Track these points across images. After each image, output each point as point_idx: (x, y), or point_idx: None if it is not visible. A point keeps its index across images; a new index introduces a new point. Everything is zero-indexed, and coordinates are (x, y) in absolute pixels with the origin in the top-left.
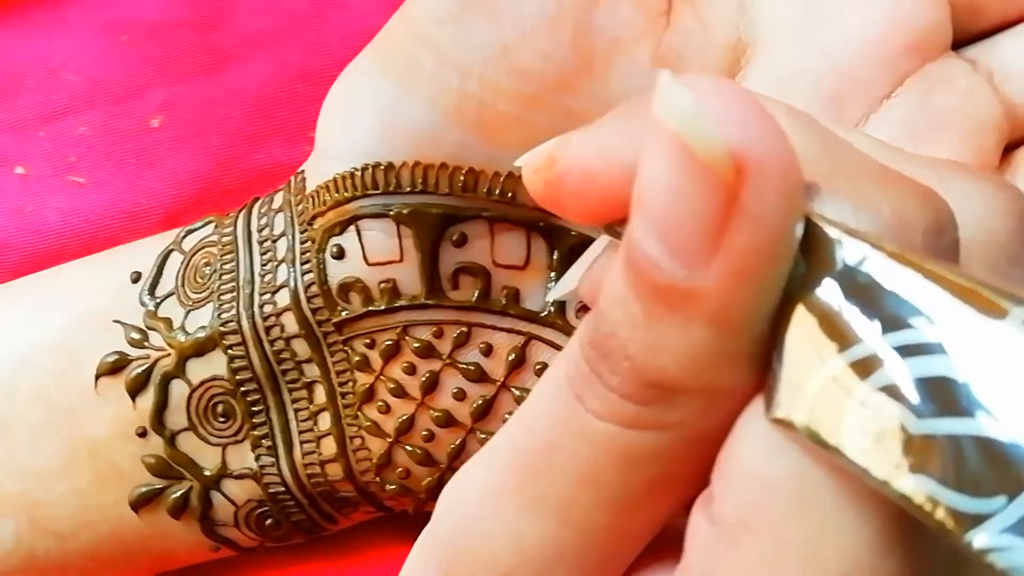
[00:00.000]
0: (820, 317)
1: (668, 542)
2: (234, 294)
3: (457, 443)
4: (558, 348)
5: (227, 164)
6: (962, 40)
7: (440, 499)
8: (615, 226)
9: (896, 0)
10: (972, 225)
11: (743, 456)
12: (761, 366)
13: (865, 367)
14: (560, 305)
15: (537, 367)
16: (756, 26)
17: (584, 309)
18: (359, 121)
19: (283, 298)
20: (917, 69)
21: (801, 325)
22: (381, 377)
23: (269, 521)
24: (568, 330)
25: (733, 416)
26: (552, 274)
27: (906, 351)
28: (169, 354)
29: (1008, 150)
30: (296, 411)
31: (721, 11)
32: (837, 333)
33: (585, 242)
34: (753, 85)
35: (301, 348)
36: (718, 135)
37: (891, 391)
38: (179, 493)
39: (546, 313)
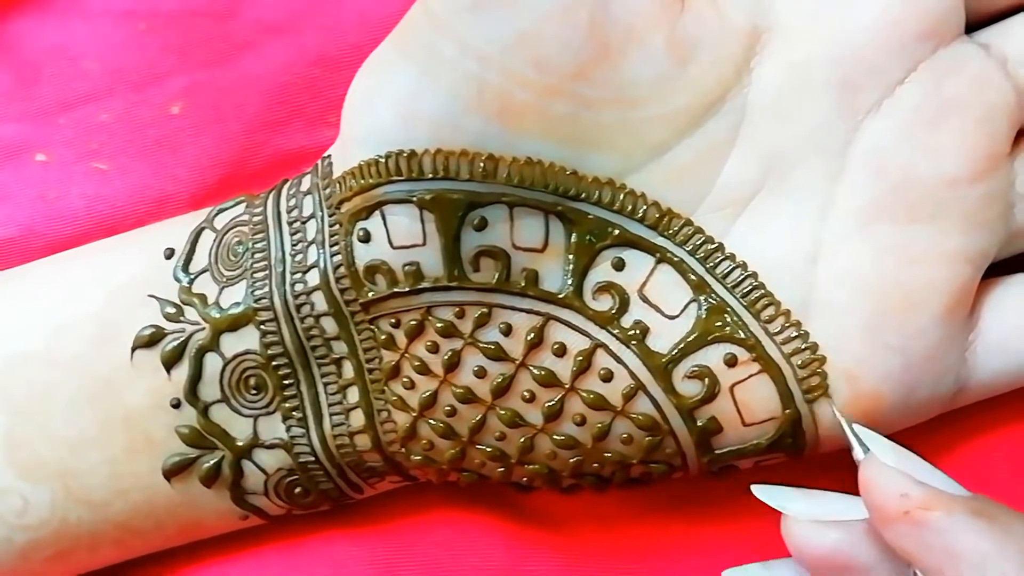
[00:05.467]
0: None
1: None
2: (266, 272)
3: (478, 418)
4: (575, 328)
5: (249, 150)
6: (975, 23)
7: None
8: None
9: None
10: None
11: None
12: None
13: None
14: (578, 286)
15: (555, 346)
16: (771, 12)
17: (601, 290)
18: (381, 109)
19: (313, 278)
20: (930, 55)
21: None
22: (406, 355)
23: (298, 490)
24: (585, 311)
25: None
26: (570, 256)
27: None
28: (204, 328)
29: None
30: (326, 385)
31: None
32: None
33: (602, 224)
34: (769, 72)
35: (330, 326)
36: None
37: None
38: (212, 462)
39: (564, 295)
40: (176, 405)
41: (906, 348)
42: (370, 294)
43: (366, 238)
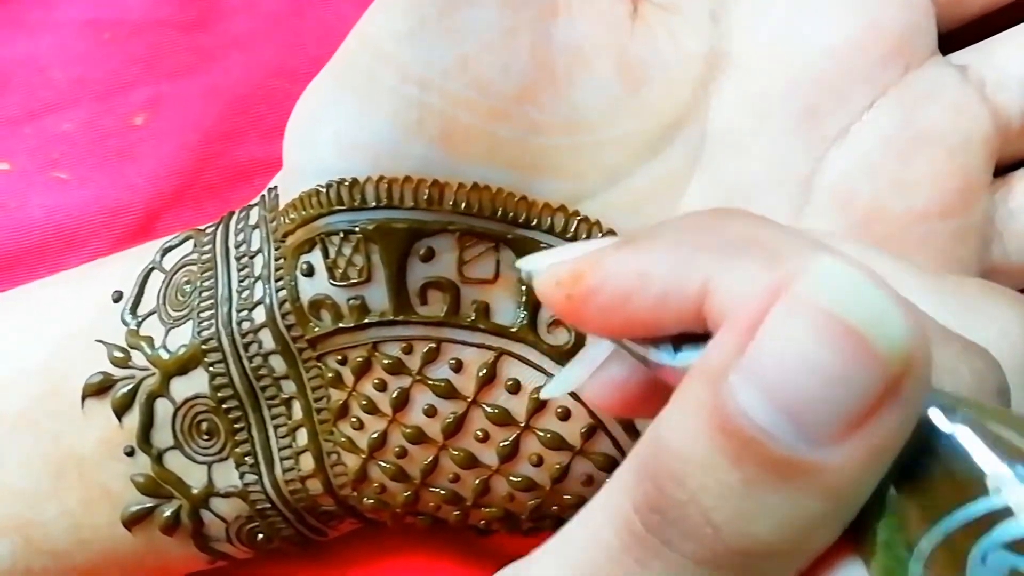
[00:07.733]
0: (930, 479)
1: None
2: (213, 311)
3: (429, 460)
4: (530, 364)
5: (205, 161)
6: (952, 29)
7: None
8: (631, 342)
9: (872, 6)
10: (1012, 348)
11: None
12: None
13: (981, 526)
14: (531, 320)
15: (508, 383)
16: (730, 36)
17: (556, 324)
18: (322, 138)
19: (259, 315)
20: (899, 77)
21: (906, 488)
22: (353, 393)
23: (260, 536)
24: (539, 345)
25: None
26: (523, 287)
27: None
28: (153, 373)
29: (1005, 168)
30: (276, 427)
31: (692, 21)
32: (951, 493)
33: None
34: (728, 98)
35: (278, 364)
36: (899, 331)
37: (1015, 546)
38: (170, 512)
39: (517, 328)
40: (130, 453)
41: None
42: (315, 330)
43: (309, 272)
